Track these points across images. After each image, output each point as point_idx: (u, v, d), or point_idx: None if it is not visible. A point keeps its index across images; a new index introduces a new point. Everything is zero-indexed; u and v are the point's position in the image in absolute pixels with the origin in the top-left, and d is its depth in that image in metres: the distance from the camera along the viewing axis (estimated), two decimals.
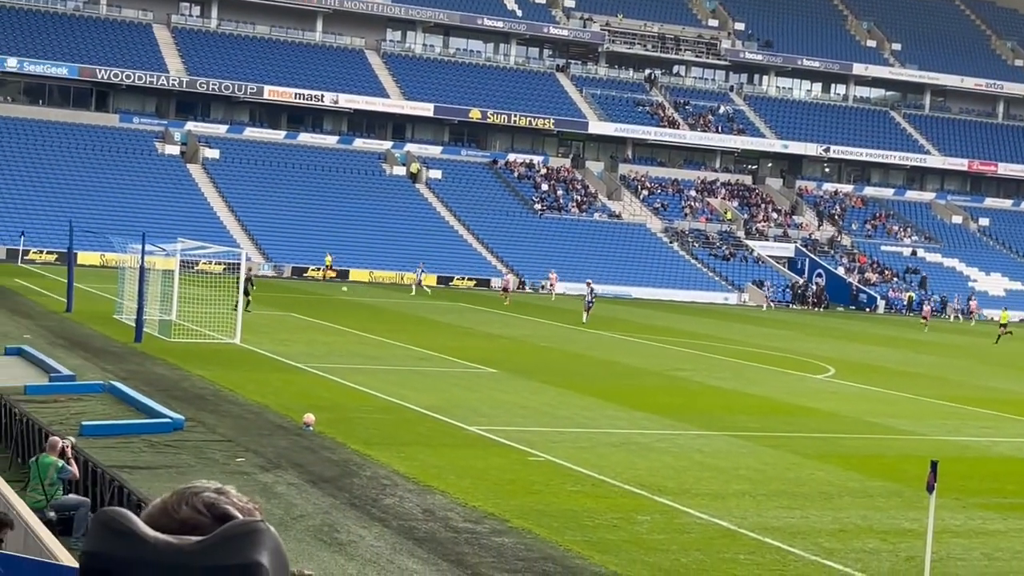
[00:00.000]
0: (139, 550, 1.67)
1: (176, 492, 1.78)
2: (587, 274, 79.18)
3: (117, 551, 1.67)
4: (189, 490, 1.77)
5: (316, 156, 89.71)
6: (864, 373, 43.12)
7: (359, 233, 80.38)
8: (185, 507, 1.73)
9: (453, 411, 28.09)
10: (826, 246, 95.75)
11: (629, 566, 16.47)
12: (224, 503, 1.74)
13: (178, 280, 42.42)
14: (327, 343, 40.66)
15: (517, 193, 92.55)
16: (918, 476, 19.63)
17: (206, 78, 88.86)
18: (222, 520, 1.72)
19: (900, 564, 17.63)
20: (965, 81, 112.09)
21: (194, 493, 1.76)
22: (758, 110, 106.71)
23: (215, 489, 1.78)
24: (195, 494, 1.75)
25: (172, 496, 1.77)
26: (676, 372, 39.63)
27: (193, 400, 27.16)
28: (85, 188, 78.12)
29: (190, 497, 1.75)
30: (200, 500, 1.74)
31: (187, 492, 1.77)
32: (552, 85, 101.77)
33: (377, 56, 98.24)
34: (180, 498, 1.76)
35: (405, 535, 17.20)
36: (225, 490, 1.79)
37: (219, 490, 1.78)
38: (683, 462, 24.13)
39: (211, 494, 1.76)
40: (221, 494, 1.77)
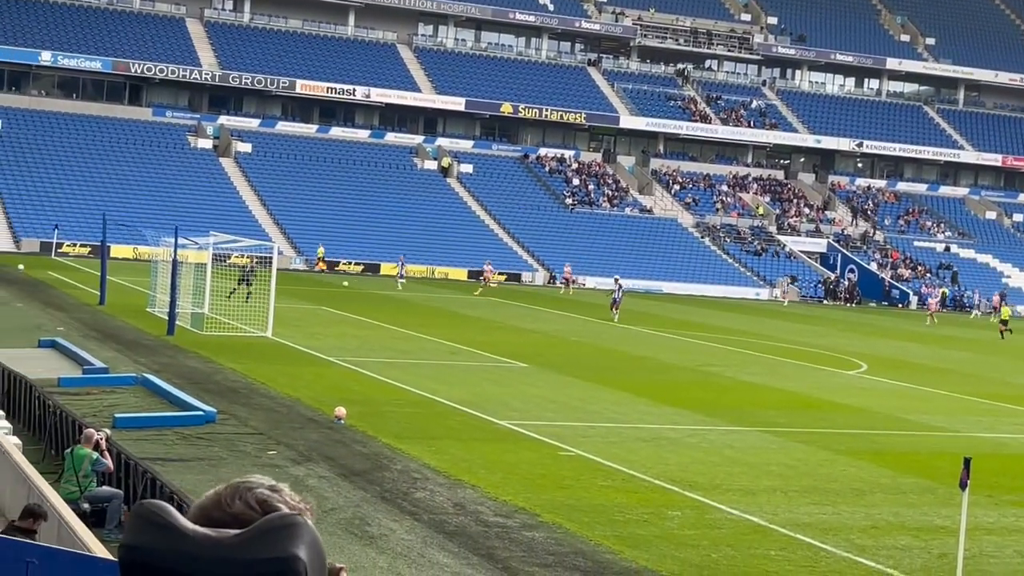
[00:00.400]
0: (178, 543, 1.67)
1: (231, 486, 1.78)
2: (617, 269, 79.09)
3: (156, 544, 1.68)
4: (243, 485, 1.78)
5: (348, 150, 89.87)
6: (897, 369, 42.92)
7: (390, 227, 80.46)
8: (238, 502, 1.74)
9: (484, 405, 28.11)
10: (859, 241, 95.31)
11: (660, 561, 16.45)
12: (276, 501, 1.75)
13: (210, 273, 42.58)
14: (358, 337, 40.74)
15: (548, 188, 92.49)
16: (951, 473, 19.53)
17: (239, 72, 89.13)
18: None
19: (932, 561, 17.55)
20: (999, 76, 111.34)
21: (248, 488, 1.77)
22: (791, 105, 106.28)
23: (269, 486, 1.78)
24: (249, 489, 1.76)
25: (227, 489, 1.78)
26: (707, 367, 39.54)
27: (225, 393, 27.26)
28: (118, 182, 78.49)
29: (244, 492, 1.76)
30: (253, 496, 1.75)
31: (241, 487, 1.77)
32: (584, 79, 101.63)
33: (409, 50, 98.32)
34: (234, 492, 1.76)
35: (436, 529, 17.22)
36: (279, 488, 1.79)
37: (273, 487, 1.78)
38: (714, 457, 24.08)
39: (265, 491, 1.76)
40: (275, 491, 1.77)
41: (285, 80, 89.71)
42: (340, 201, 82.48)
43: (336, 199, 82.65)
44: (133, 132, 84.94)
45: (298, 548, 1.66)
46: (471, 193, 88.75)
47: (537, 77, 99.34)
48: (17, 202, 74.38)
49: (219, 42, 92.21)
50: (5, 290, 46.48)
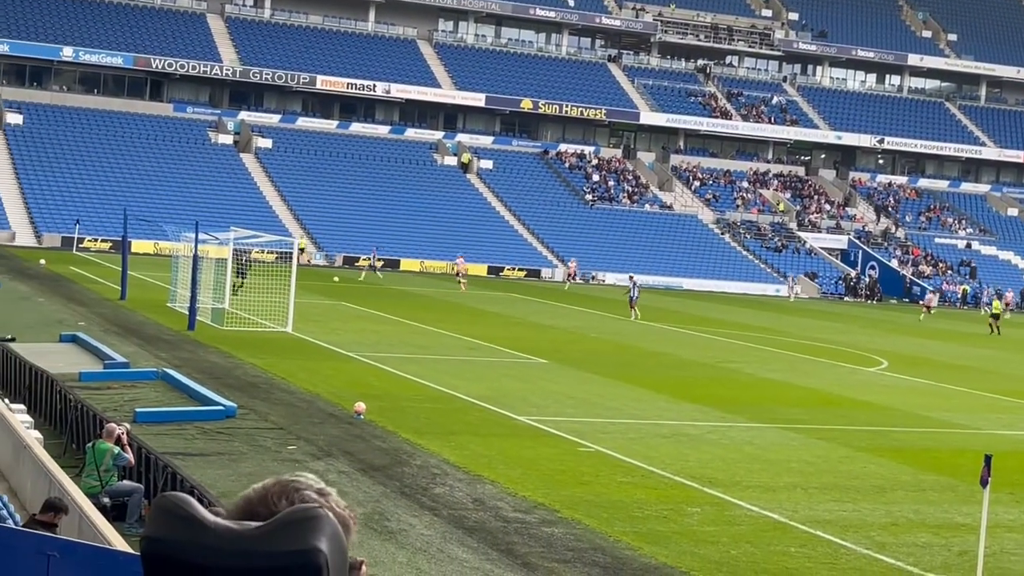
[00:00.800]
0: (199, 535, 1.67)
1: (280, 483, 1.78)
2: (637, 266, 79.06)
3: (178, 536, 1.68)
4: (292, 485, 1.77)
5: (368, 146, 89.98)
6: (917, 366, 42.79)
7: (410, 223, 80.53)
8: (284, 502, 1.74)
9: (503, 401, 28.12)
10: (879, 238, 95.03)
11: (679, 558, 16.43)
12: (321, 507, 1.74)
13: (231, 269, 42.68)
14: (378, 332, 40.79)
15: (568, 184, 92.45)
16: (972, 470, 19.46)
17: (259, 68, 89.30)
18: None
19: (953, 559, 17.50)
20: (1022, 72, 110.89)
21: (296, 489, 1.76)
22: (811, 101, 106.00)
23: (317, 490, 1.78)
24: (297, 490, 1.76)
25: (275, 486, 1.77)
26: (727, 364, 39.48)
27: (245, 388, 27.33)
28: (139, 177, 78.72)
29: (291, 493, 1.75)
30: (300, 497, 1.74)
31: (290, 487, 1.77)
32: (604, 75, 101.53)
33: (429, 46, 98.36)
34: (282, 491, 1.76)
35: (455, 524, 17.23)
36: (327, 492, 1.79)
37: (321, 491, 1.78)
38: (734, 454, 24.05)
39: (312, 494, 1.76)
40: (322, 495, 1.77)
41: (305, 76, 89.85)
42: (360, 197, 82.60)
43: (356, 195, 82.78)
44: (154, 127, 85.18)
45: (319, 540, 1.66)
46: (491, 189, 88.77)
47: (557, 73, 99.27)
48: (39, 197, 74.66)
49: (240, 38, 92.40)
50: (27, 285, 46.67)
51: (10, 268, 52.82)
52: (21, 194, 74.96)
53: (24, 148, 79.08)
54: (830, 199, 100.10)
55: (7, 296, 41.79)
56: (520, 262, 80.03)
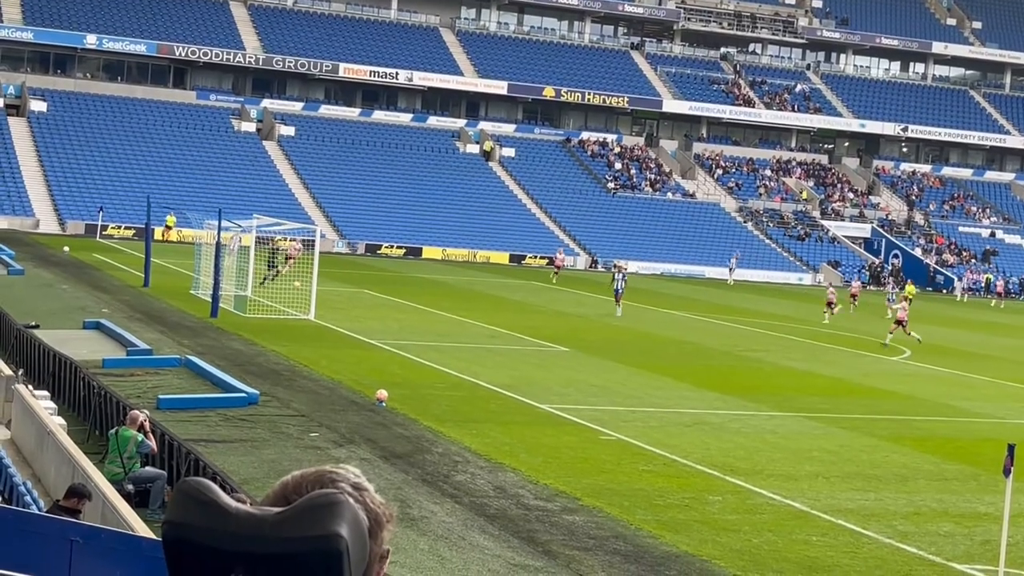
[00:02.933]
0: (220, 520, 1.68)
1: (319, 472, 1.78)
2: (659, 254, 78.93)
3: (199, 521, 1.69)
4: (329, 476, 1.78)
5: (390, 133, 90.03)
6: (941, 355, 42.63)
7: (432, 211, 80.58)
8: (315, 491, 1.74)
9: (525, 389, 28.13)
10: (903, 227, 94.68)
11: (700, 546, 16.43)
12: (356, 501, 1.74)
13: (253, 256, 42.77)
14: (399, 320, 40.84)
15: (590, 172, 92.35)
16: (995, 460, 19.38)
17: (282, 56, 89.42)
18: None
19: (975, 548, 17.45)
20: None
21: (331, 480, 1.77)
22: (835, 89, 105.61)
23: (354, 484, 1.78)
24: (333, 481, 1.76)
25: (312, 475, 1.78)
26: (749, 352, 39.40)
27: (268, 375, 27.40)
28: (162, 164, 78.95)
29: (327, 484, 1.76)
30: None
31: (326, 477, 1.77)
32: (626, 63, 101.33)
33: (451, 34, 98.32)
34: (317, 480, 1.76)
35: (476, 512, 17.26)
36: (364, 486, 1.79)
37: (357, 486, 1.78)
38: (755, 443, 24.01)
39: (347, 486, 1.76)
40: (357, 490, 1.77)
41: (328, 64, 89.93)
42: (382, 185, 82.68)
43: (378, 182, 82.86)
44: (177, 115, 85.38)
45: (340, 526, 1.67)
46: (513, 177, 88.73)
47: (580, 61, 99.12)
48: (63, 185, 74.95)
49: (263, 26, 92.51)
50: (50, 272, 46.87)
51: (34, 255, 53.05)
52: (45, 181, 75.25)
53: (48, 135, 79.38)
54: (853, 187, 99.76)
55: (31, 283, 41.99)
56: (542, 250, 79.96)
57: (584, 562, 15.33)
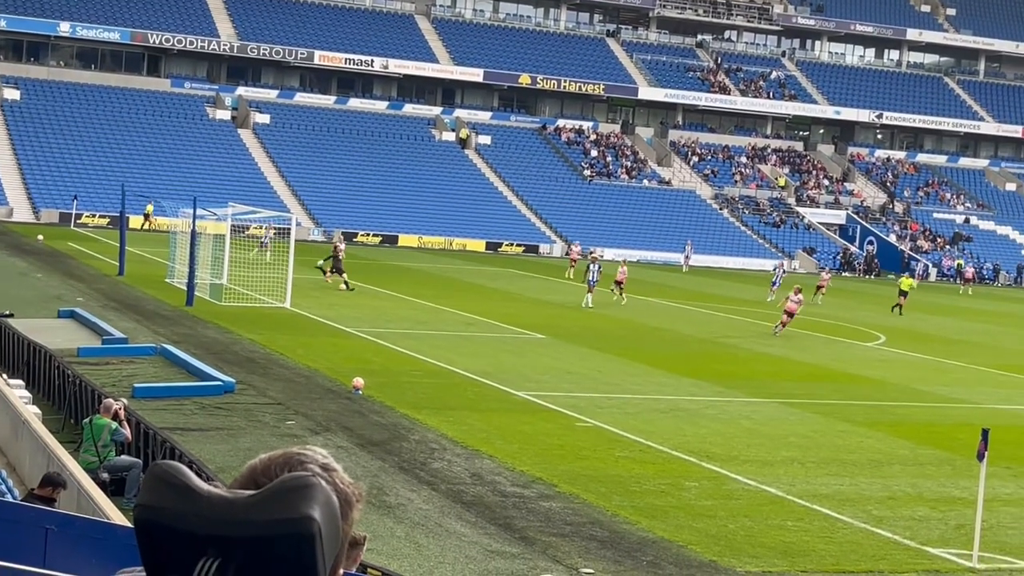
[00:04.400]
0: (192, 503, 1.68)
1: (286, 454, 1.78)
2: (635, 241, 78.96)
3: (170, 504, 1.68)
4: (297, 457, 1.77)
5: (366, 121, 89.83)
6: (915, 341, 42.83)
7: (408, 198, 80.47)
8: (286, 472, 1.74)
9: (501, 376, 28.16)
10: (878, 213, 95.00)
11: (677, 532, 16.48)
12: (324, 481, 1.73)
13: (229, 244, 42.66)
14: (376, 308, 40.80)
15: (566, 159, 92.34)
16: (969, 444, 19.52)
17: (257, 43, 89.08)
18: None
19: (950, 532, 17.55)
20: (1020, 47, 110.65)
21: (300, 462, 1.76)
22: (810, 76, 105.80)
23: (322, 464, 1.77)
24: (300, 463, 1.76)
25: (280, 457, 1.77)
26: (725, 339, 39.51)
27: (244, 363, 27.35)
28: (137, 153, 78.61)
29: (295, 465, 1.75)
30: (301, 470, 1.74)
31: (294, 459, 1.76)
32: (602, 50, 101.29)
33: (427, 21, 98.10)
34: (286, 462, 1.76)
35: (453, 499, 17.28)
36: (333, 467, 1.78)
37: (325, 466, 1.77)
38: (731, 429, 24.09)
39: (315, 467, 1.75)
40: (326, 470, 1.76)
41: (303, 51, 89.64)
42: (358, 172, 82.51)
43: (354, 170, 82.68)
44: (151, 103, 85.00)
45: (312, 509, 1.66)
46: (489, 164, 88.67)
47: (555, 48, 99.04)
48: (36, 173, 74.55)
49: (237, 13, 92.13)
50: (25, 261, 46.65)
51: (8, 244, 52.79)
52: (19, 170, 74.84)
53: (21, 124, 78.94)
54: (828, 174, 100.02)
55: (5, 272, 41.79)
56: (518, 238, 79.99)
57: (561, 548, 15.37)
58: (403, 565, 14.01)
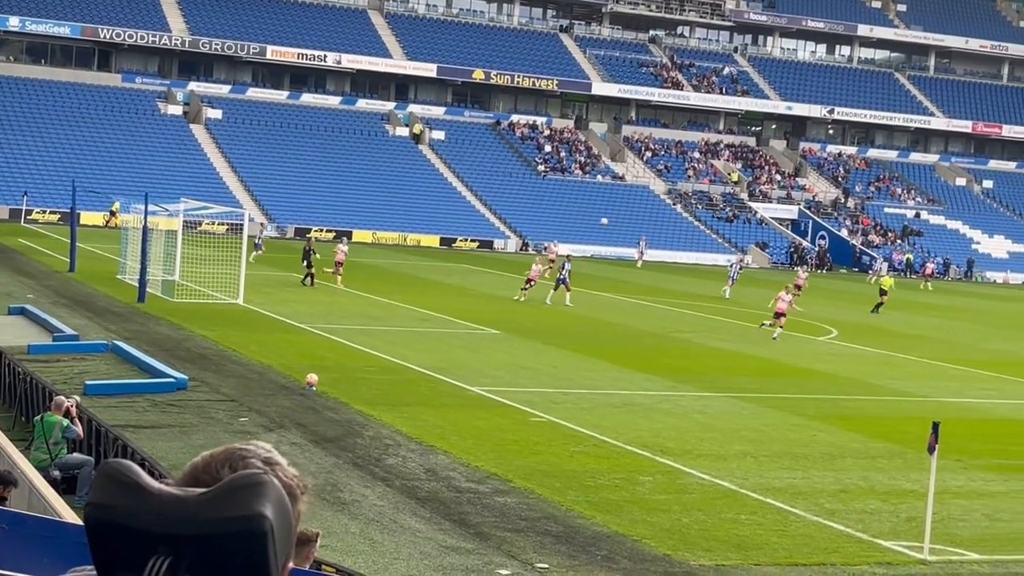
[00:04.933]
0: (143, 501, 1.67)
1: (227, 450, 1.76)
2: (590, 236, 79.15)
3: (121, 502, 1.67)
4: (238, 453, 1.75)
5: (319, 116, 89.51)
6: (867, 335, 43.13)
7: (362, 194, 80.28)
8: (227, 469, 1.72)
9: (456, 372, 28.14)
10: (829, 208, 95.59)
11: (631, 526, 16.53)
12: (266, 475, 1.72)
13: (181, 240, 42.43)
14: (329, 303, 40.69)
15: (520, 154, 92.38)
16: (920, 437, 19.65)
17: (209, 38, 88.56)
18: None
19: (901, 525, 17.69)
20: (970, 43, 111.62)
21: (242, 457, 1.74)
22: (762, 71, 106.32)
23: (264, 459, 1.75)
24: (242, 459, 1.74)
25: (221, 454, 1.76)
26: (679, 334, 39.66)
27: (196, 360, 27.22)
28: (88, 148, 78.01)
29: (236, 461, 1.73)
30: (244, 466, 1.73)
31: (236, 454, 1.75)
32: (555, 46, 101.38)
33: (380, 16, 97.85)
34: (227, 459, 1.74)
35: (408, 495, 17.26)
36: (275, 461, 1.76)
37: (268, 460, 1.75)
38: (685, 423, 24.19)
39: (257, 462, 1.74)
40: (269, 464, 1.75)
41: (255, 46, 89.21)
42: (311, 168, 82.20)
43: (307, 166, 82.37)
44: (103, 98, 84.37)
45: (264, 507, 1.66)
46: (443, 160, 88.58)
47: (509, 43, 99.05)
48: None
49: (189, 7, 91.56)
50: None
51: None
52: None
53: None
54: (781, 169, 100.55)
55: None
56: (472, 233, 79.98)
57: (515, 543, 15.39)
58: (358, 561, 13.98)
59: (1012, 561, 16.49)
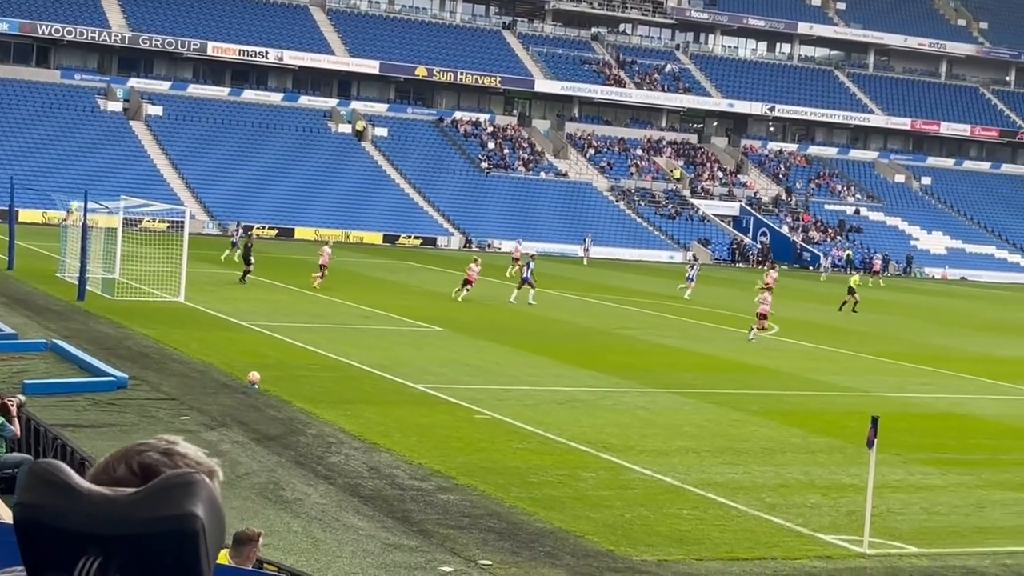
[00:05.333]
0: (73, 502, 1.66)
1: (125, 448, 1.74)
2: (534, 233, 79.13)
3: (50, 502, 1.66)
4: (134, 448, 1.73)
5: (261, 113, 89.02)
6: (807, 331, 43.46)
7: (304, 191, 79.93)
8: (122, 466, 1.71)
9: (399, 369, 28.10)
10: (771, 205, 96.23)
11: (574, 522, 16.58)
12: (163, 466, 1.70)
13: (121, 238, 42.07)
14: (272, 301, 40.50)
15: (463, 151, 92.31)
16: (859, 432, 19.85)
17: (149, 34, 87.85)
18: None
19: (841, 519, 17.85)
20: (908, 40, 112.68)
21: (137, 452, 1.72)
22: (704, 69, 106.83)
23: (162, 450, 1.72)
24: (138, 453, 1.72)
25: (119, 452, 1.74)
26: (622, 330, 39.78)
27: (137, 358, 27.01)
28: (26, 145, 77.16)
29: (132, 456, 1.72)
30: (138, 461, 1.71)
31: (132, 450, 1.73)
32: (498, 43, 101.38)
33: (322, 12, 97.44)
34: (123, 456, 1.73)
35: (351, 493, 17.22)
36: (174, 451, 1.73)
37: (167, 451, 1.73)
38: (628, 419, 24.28)
39: (154, 455, 1.71)
40: (167, 455, 1.72)
41: (196, 42, 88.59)
42: (253, 165, 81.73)
43: (249, 163, 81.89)
44: (41, 95, 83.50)
45: (195, 506, 1.65)
46: (386, 157, 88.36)
47: (452, 40, 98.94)
48: None
49: (129, 4, 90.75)
50: None
51: None
52: None
53: None
54: (722, 166, 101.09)
55: None
56: (416, 230, 79.85)
57: (459, 540, 15.39)
58: (300, 560, 13.93)
59: (950, 554, 16.67)
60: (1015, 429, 26.77)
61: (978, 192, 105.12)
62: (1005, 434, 26.15)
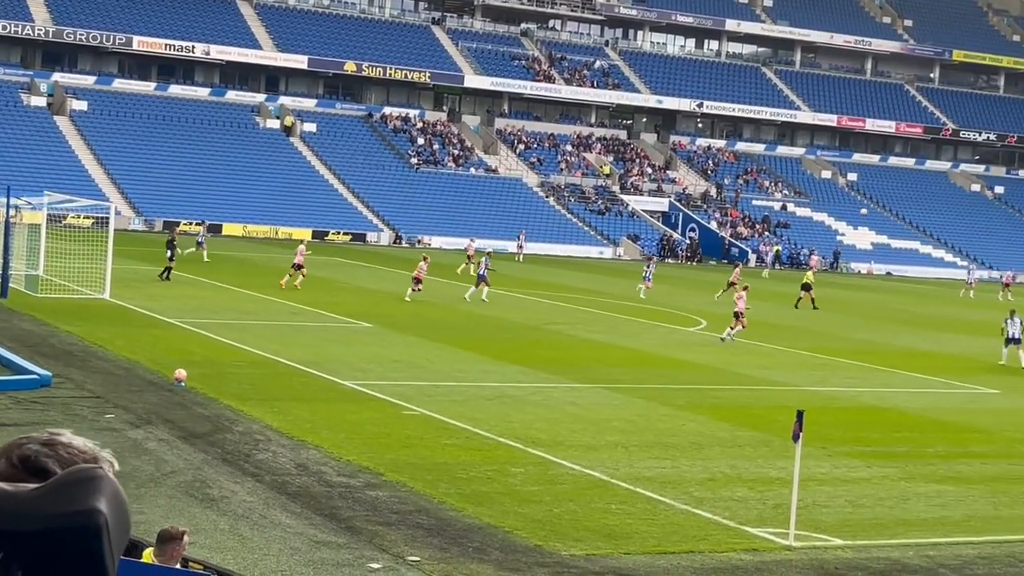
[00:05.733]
0: None
1: (7, 443, 1.71)
2: (463, 229, 79.07)
3: None
4: (15, 442, 1.70)
5: (187, 108, 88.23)
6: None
7: (232, 187, 79.35)
8: (3, 461, 1.67)
9: (327, 365, 27.99)
10: (699, 200, 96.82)
11: (503, 518, 16.59)
12: (43, 457, 1.67)
13: (45, 234, 41.56)
14: (198, 298, 40.18)
15: (393, 147, 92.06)
16: (786, 426, 20.03)
17: (73, 28, 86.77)
18: (39, 476, 1.66)
19: (768, 512, 18.00)
20: (835, 38, 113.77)
21: (18, 445, 1.69)
22: (633, 65, 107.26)
23: (43, 441, 1.68)
24: (18, 446, 1.69)
25: (1, 448, 1.71)
26: (551, 326, 39.87)
27: (61, 356, 26.70)
28: None
29: (12, 450, 1.68)
30: (17, 454, 1.67)
31: (12, 445, 1.70)
32: (428, 38, 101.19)
33: (249, 7, 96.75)
34: (5, 451, 1.69)
35: (278, 490, 17.13)
36: (55, 442, 1.69)
37: (48, 442, 1.69)
38: (556, 414, 24.34)
39: (34, 447, 1.68)
40: (48, 446, 1.69)
41: (121, 36, 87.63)
42: (180, 161, 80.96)
43: (176, 159, 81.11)
44: None
45: (98, 501, 1.63)
46: (315, 152, 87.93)
47: (381, 35, 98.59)
48: None
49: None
50: None
51: None
52: None
53: None
54: (651, 162, 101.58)
55: None
56: (345, 226, 79.53)
57: (387, 537, 15.36)
58: (227, 558, 13.83)
59: (874, 546, 16.88)
60: (938, 422, 27.15)
61: (903, 188, 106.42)
62: (928, 427, 26.51)
